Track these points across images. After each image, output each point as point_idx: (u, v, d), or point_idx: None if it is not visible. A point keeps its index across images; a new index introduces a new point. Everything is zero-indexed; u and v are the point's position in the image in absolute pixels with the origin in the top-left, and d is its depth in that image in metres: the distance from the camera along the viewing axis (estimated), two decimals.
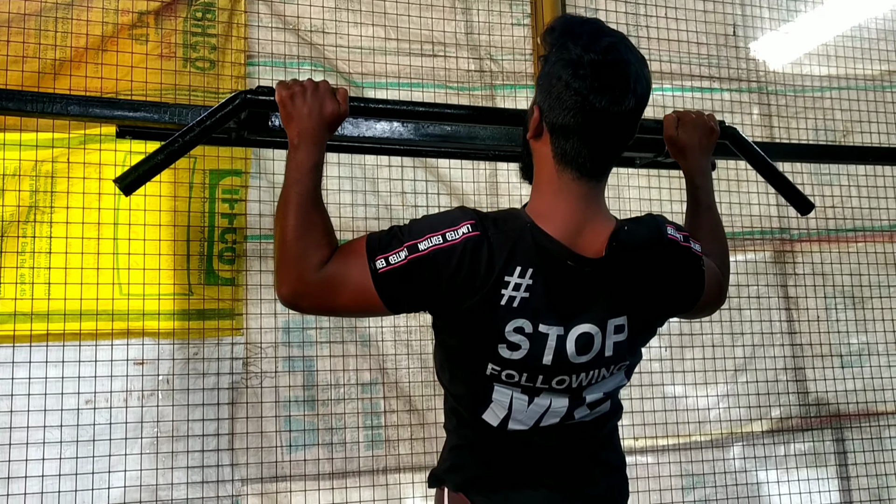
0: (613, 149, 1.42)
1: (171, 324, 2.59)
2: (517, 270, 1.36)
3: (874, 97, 3.53)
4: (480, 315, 1.38)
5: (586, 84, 1.32)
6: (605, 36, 1.36)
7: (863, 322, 3.35)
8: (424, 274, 1.37)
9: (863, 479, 3.25)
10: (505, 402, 1.45)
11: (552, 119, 1.37)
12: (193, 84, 2.69)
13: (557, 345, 1.41)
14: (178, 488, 2.52)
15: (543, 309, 1.38)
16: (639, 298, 1.47)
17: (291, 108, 1.63)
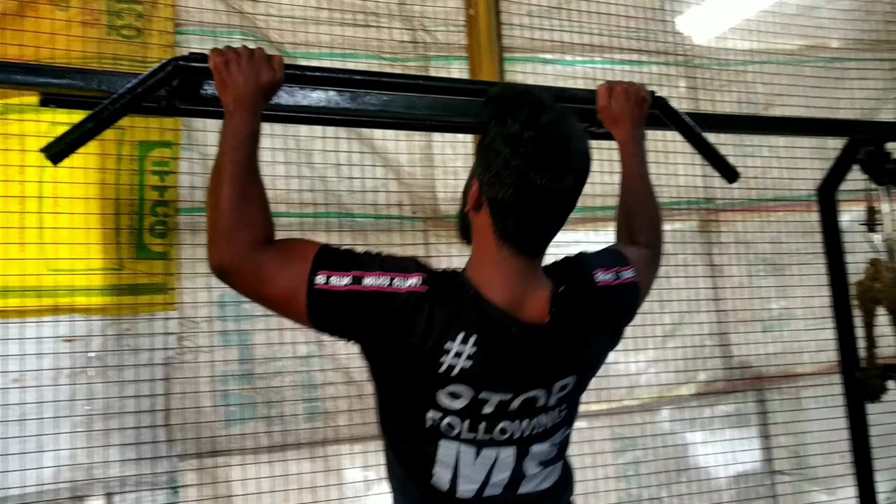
0: (553, 226, 1.42)
1: (102, 299, 2.52)
2: (460, 336, 1.34)
3: (793, 71, 3.65)
4: (414, 373, 1.37)
5: (526, 162, 1.31)
6: (545, 112, 1.35)
7: (782, 288, 3.49)
8: (357, 310, 1.35)
9: (782, 437, 3.41)
10: (451, 459, 1.42)
11: (492, 194, 1.35)
12: (119, 52, 2.61)
13: (499, 405, 1.40)
14: (113, 466, 2.47)
15: (487, 378, 1.37)
16: (584, 352, 1.49)
17: (226, 75, 1.60)
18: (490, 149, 1.35)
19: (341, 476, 2.75)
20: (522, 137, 1.31)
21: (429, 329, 1.33)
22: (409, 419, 1.42)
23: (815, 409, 3.43)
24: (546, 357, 1.42)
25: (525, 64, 3.18)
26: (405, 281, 1.36)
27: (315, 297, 1.36)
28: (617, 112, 1.99)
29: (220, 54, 1.63)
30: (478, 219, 1.41)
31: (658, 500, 3.16)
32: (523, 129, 1.32)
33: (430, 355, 1.33)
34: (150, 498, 2.51)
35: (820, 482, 3.42)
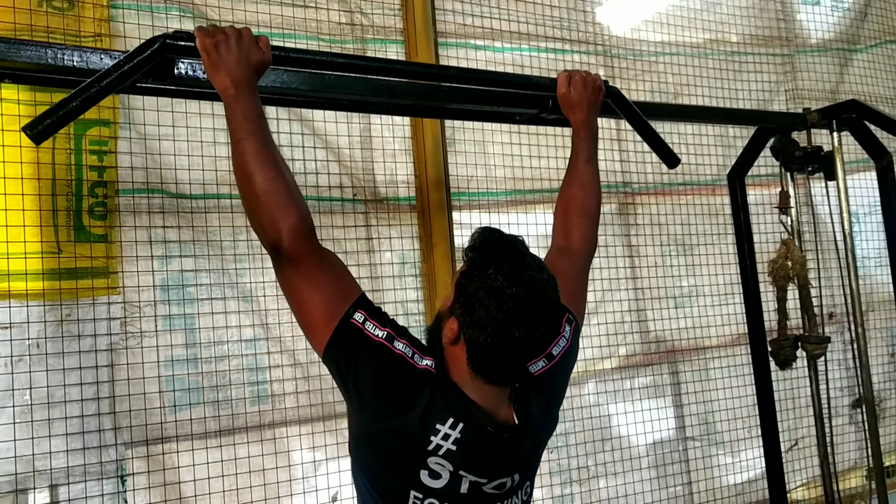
0: (522, 364, 1.55)
1: (40, 284, 2.41)
2: (450, 421, 1.46)
3: (698, 63, 3.89)
4: (403, 444, 1.47)
5: (508, 316, 1.41)
6: (526, 268, 1.45)
7: (692, 267, 3.73)
8: (378, 363, 1.48)
9: (693, 405, 3.65)
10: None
11: (471, 336, 1.45)
12: (52, 25, 2.48)
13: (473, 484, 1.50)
14: (57, 457, 2.38)
15: (466, 463, 1.48)
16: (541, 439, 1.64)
17: (216, 56, 1.59)
18: (474, 296, 1.43)
19: (290, 458, 2.74)
20: (506, 293, 1.41)
21: (429, 408, 1.45)
22: (392, 496, 1.50)
23: (721, 378, 3.70)
24: (514, 452, 1.54)
25: (458, 49, 3.24)
26: (422, 360, 1.50)
27: (346, 329, 1.48)
28: (575, 99, 2.11)
29: (209, 35, 1.61)
30: (453, 349, 1.50)
31: (586, 469, 3.32)
32: (507, 284, 1.41)
33: (422, 431, 1.45)
34: (97, 488, 2.43)
35: (725, 446, 3.69)
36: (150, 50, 1.66)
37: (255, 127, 1.52)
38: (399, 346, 1.50)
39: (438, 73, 2.16)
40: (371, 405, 1.50)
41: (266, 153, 1.52)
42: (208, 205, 2.68)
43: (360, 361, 1.49)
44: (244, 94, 1.56)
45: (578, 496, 3.30)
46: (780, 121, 3.07)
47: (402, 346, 1.51)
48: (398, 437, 1.47)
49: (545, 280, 1.47)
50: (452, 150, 3.15)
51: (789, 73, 4.13)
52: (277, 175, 1.51)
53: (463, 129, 3.20)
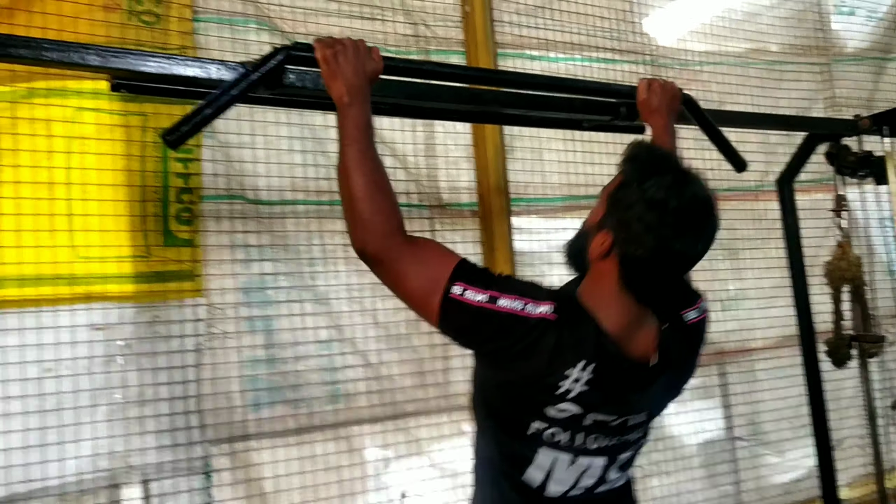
0: (675, 281, 1.56)
1: (131, 286, 2.50)
2: (580, 364, 1.45)
3: (740, 72, 3.98)
4: (531, 391, 1.49)
5: (669, 231, 1.40)
6: (689, 182, 1.45)
7: (737, 270, 3.81)
8: (489, 326, 1.46)
9: (741, 406, 3.73)
10: (547, 464, 1.54)
11: (625, 251, 1.45)
12: (141, 38, 2.58)
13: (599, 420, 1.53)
14: (148, 453, 2.47)
15: (597, 403, 1.50)
16: (676, 385, 1.68)
17: (335, 66, 1.67)
18: (632, 209, 1.42)
19: (362, 456, 2.83)
20: (668, 206, 1.39)
21: (555, 355, 1.44)
22: (513, 425, 1.54)
23: (767, 379, 3.78)
24: (648, 390, 1.57)
25: (515, 60, 3.34)
26: (537, 308, 1.46)
27: (448, 304, 1.47)
28: (655, 105, 2.19)
29: (329, 46, 1.69)
30: (602, 264, 1.50)
31: (640, 468, 3.39)
32: (669, 197, 1.40)
33: (550, 378, 1.45)
34: (185, 483, 2.52)
35: (772, 446, 3.77)
36: (276, 59, 1.75)
37: (360, 135, 1.57)
38: (505, 303, 1.46)
39: (531, 80, 2.25)
40: (492, 364, 1.52)
41: (369, 160, 1.56)
42: (286, 211, 2.77)
43: (471, 330, 1.49)
44: (357, 103, 1.62)
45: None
46: (831, 127, 3.16)
47: (509, 301, 1.46)
48: (525, 386, 1.48)
49: (708, 196, 1.47)
50: (511, 156, 3.24)
51: (827, 81, 4.22)
52: (377, 181, 1.55)
53: (521, 137, 3.29)
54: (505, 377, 1.51)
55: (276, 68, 1.76)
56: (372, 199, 1.54)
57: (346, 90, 1.64)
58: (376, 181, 1.57)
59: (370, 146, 1.62)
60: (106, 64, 1.78)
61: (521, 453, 1.55)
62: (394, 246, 1.54)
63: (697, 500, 3.54)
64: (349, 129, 1.61)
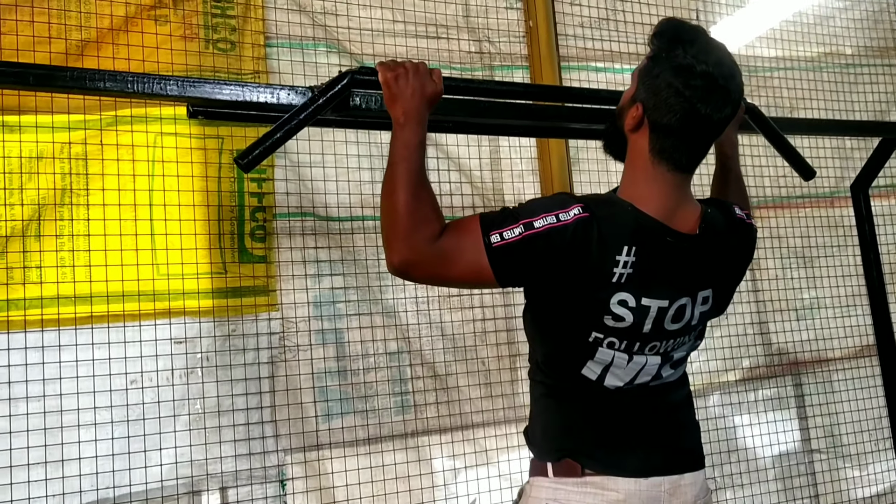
0: (705, 147, 1.60)
1: (209, 302, 2.63)
2: (624, 249, 1.51)
3: (813, 77, 3.91)
4: (591, 290, 1.52)
5: (696, 94, 1.48)
6: (714, 49, 1.51)
7: (813, 279, 3.74)
8: (538, 249, 1.49)
9: (818, 418, 3.65)
10: (606, 360, 1.59)
11: (656, 118, 1.53)
12: (217, 65, 2.72)
13: (657, 315, 1.57)
14: (226, 462, 2.58)
15: (646, 283, 1.54)
16: (721, 271, 1.68)
17: (396, 88, 1.73)
18: (659, 77, 1.51)
19: (431, 465, 2.89)
20: (695, 70, 1.47)
21: (602, 246, 1.49)
22: (574, 335, 1.58)
23: (846, 391, 3.69)
24: (694, 265, 1.60)
25: (580, 72, 3.36)
26: (569, 213, 1.50)
27: (496, 255, 1.50)
28: None
29: (390, 69, 1.75)
30: (635, 138, 1.59)
31: (712, 480, 3.36)
32: (696, 62, 1.47)
33: (604, 269, 1.50)
34: (261, 491, 2.62)
35: (852, 459, 3.67)
36: (341, 84, 1.83)
37: (409, 154, 1.60)
38: (540, 223, 1.50)
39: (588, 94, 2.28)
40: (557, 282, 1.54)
41: (412, 177, 1.58)
42: (354, 226, 2.86)
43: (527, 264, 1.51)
44: (410, 124, 1.67)
45: None
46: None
47: (542, 221, 1.50)
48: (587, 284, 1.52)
49: (732, 61, 1.53)
50: (577, 168, 3.27)
51: None
52: (418, 196, 1.57)
53: (587, 149, 3.31)
54: (567, 292, 1.55)
55: (341, 92, 1.84)
56: (415, 211, 1.56)
57: (403, 112, 1.70)
58: (421, 197, 1.60)
59: (419, 166, 1.65)
60: (184, 93, 1.88)
61: (580, 353, 1.60)
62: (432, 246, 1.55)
63: None
64: (398, 149, 1.66)
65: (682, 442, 1.72)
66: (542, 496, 1.66)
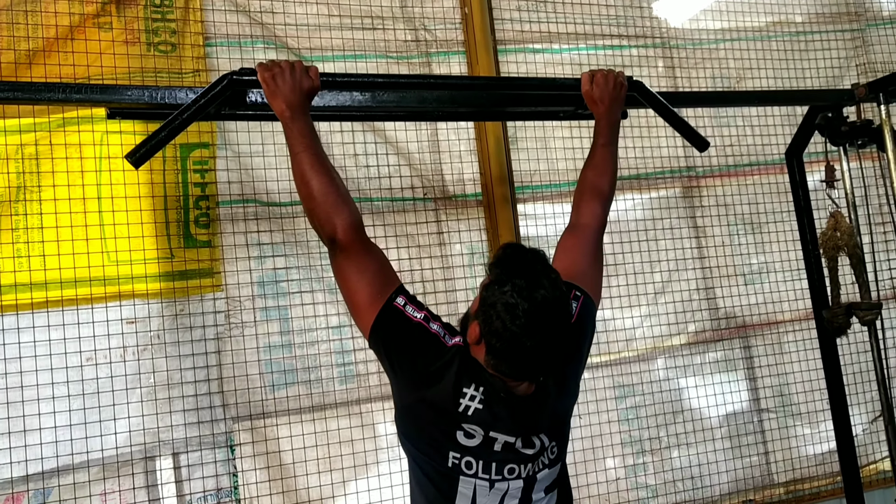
0: (535, 368, 1.73)
1: (158, 285, 2.87)
2: (473, 385, 1.71)
3: (761, 46, 3.98)
4: (439, 410, 1.71)
5: (521, 329, 1.62)
6: (540, 288, 1.64)
7: (761, 244, 3.84)
8: (418, 341, 1.74)
9: (767, 378, 3.76)
10: (469, 492, 1.74)
11: (489, 341, 1.67)
12: (159, 66, 2.94)
13: (505, 444, 1.74)
14: (177, 430, 2.83)
15: (491, 423, 1.72)
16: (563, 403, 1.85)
17: (274, 86, 1.93)
18: (493, 307, 1.64)
19: (375, 430, 3.10)
20: (519, 309, 1.61)
21: (457, 377, 1.71)
22: (434, 459, 1.75)
23: (796, 351, 3.80)
24: (533, 415, 1.76)
25: (517, 55, 3.51)
26: (452, 339, 1.78)
27: (390, 311, 1.76)
28: (597, 95, 2.32)
29: (267, 69, 1.95)
30: (476, 348, 1.73)
31: (657, 440, 3.52)
32: (521, 301, 1.62)
33: (454, 396, 1.70)
34: (211, 455, 2.86)
35: (803, 417, 3.78)
36: (221, 85, 2.03)
37: (309, 142, 1.83)
38: (434, 326, 1.77)
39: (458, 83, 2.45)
40: (410, 378, 1.75)
41: (320, 163, 1.82)
42: (296, 210, 3.06)
43: (403, 338, 1.75)
44: (298, 116, 1.88)
45: (651, 465, 3.50)
46: (828, 98, 3.16)
47: (437, 327, 1.78)
48: (434, 404, 1.71)
49: (556, 297, 1.66)
50: (515, 147, 3.42)
51: (860, 48, 4.15)
52: (331, 181, 1.81)
53: (525, 128, 3.46)
54: (419, 396, 1.73)
55: (224, 91, 2.03)
56: (333, 195, 1.81)
57: (286, 106, 1.90)
58: (333, 179, 1.84)
59: (320, 151, 1.88)
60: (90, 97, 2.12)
61: (446, 486, 1.76)
62: (360, 241, 1.82)
63: (723, 471, 3.61)
64: (298, 139, 1.87)
65: None
66: None
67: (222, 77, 2.04)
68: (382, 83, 2.23)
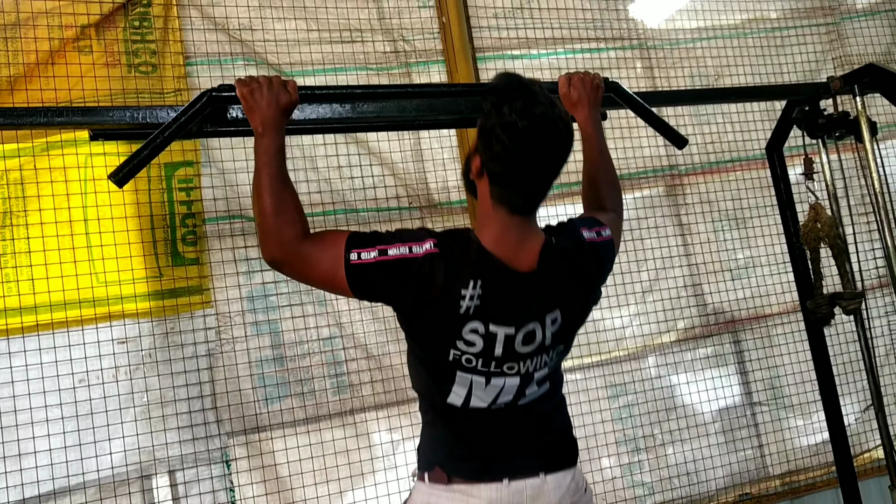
0: (539, 191, 1.74)
1: (147, 304, 2.88)
2: (470, 283, 1.68)
3: (738, 44, 4.03)
4: (441, 318, 1.69)
5: (521, 147, 1.63)
6: (537, 104, 1.65)
7: (746, 239, 3.87)
8: (386, 275, 1.69)
9: (758, 372, 3.79)
10: (465, 385, 1.75)
11: (491, 169, 1.68)
12: (140, 87, 2.96)
13: (506, 341, 1.74)
14: (172, 447, 2.84)
15: (492, 312, 1.71)
16: (568, 296, 1.83)
17: (252, 101, 1.94)
18: (491, 133, 1.65)
19: (370, 440, 3.11)
20: (518, 126, 1.62)
21: (447, 280, 1.67)
22: (435, 355, 1.75)
23: (785, 344, 3.83)
24: (535, 295, 1.76)
25: (496, 61, 3.54)
26: (421, 247, 1.69)
27: (351, 271, 1.71)
28: (575, 98, 2.33)
29: (245, 84, 1.96)
30: (480, 185, 1.75)
31: (652, 437, 3.54)
32: (519, 118, 1.62)
33: (450, 301, 1.67)
34: (207, 472, 2.88)
35: (795, 409, 3.81)
36: (200, 102, 2.05)
37: (270, 160, 1.81)
38: (393, 252, 1.69)
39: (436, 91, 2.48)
40: (405, 306, 1.73)
41: (275, 181, 1.79)
42: None
43: (378, 285, 1.71)
44: (268, 133, 1.88)
45: (647, 462, 3.52)
46: (804, 92, 3.19)
47: (395, 250, 1.69)
48: (436, 313, 1.69)
49: (556, 114, 1.67)
50: None
51: (835, 41, 4.20)
52: (282, 198, 1.78)
53: None
54: (418, 317, 1.72)
55: (203, 109, 2.05)
56: (279, 214, 1.78)
57: (260, 122, 1.91)
58: (283, 198, 1.82)
59: (280, 169, 1.86)
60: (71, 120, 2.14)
61: (443, 380, 1.77)
62: (298, 247, 1.77)
63: (718, 465, 3.63)
64: (259, 156, 1.87)
65: (545, 448, 1.88)
66: (419, 499, 1.86)
67: (202, 94, 2.06)
68: (361, 94, 2.26)
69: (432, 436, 1.88)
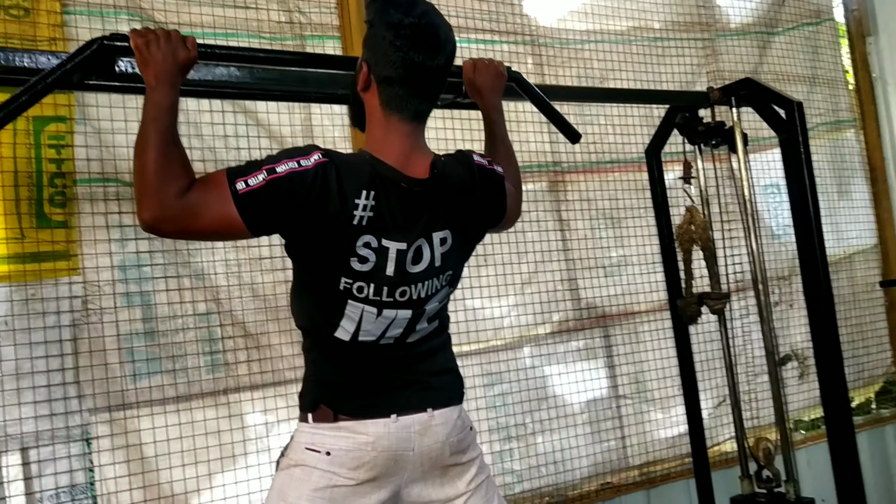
0: (429, 96, 1.79)
1: (6, 267, 2.65)
2: (363, 193, 1.67)
3: (623, 49, 4.17)
4: (335, 232, 1.67)
5: (407, 42, 1.67)
6: (420, 4, 1.72)
7: (620, 238, 4.02)
8: (281, 193, 1.62)
9: (624, 366, 3.95)
10: (356, 317, 1.74)
11: (378, 72, 1.71)
12: (9, 32, 2.72)
13: (398, 258, 1.74)
14: (27, 423, 2.62)
15: (384, 226, 1.71)
16: (457, 214, 1.85)
17: (147, 53, 1.81)
18: (376, 36, 1.70)
19: (244, 420, 3.00)
20: (403, 23, 1.67)
21: (342, 190, 1.65)
22: (325, 284, 1.73)
23: (651, 341, 4.00)
24: (426, 207, 1.77)
25: None
26: (309, 159, 1.66)
27: (243, 201, 1.61)
28: (479, 84, 2.34)
29: (141, 35, 1.84)
30: (368, 97, 1.76)
31: (524, 426, 3.61)
32: (404, 16, 1.67)
33: (345, 212, 1.65)
34: (65, 450, 2.68)
35: (656, 403, 3.99)
36: (90, 50, 1.90)
37: (160, 114, 1.67)
38: (282, 168, 1.62)
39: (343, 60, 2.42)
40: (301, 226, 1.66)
41: (161, 136, 1.65)
42: None
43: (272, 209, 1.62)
44: (161, 87, 1.74)
45: (517, 451, 3.59)
46: (687, 99, 3.36)
47: (284, 166, 1.63)
48: (330, 227, 1.65)
49: (439, 17, 1.76)
50: None
51: (710, 56, 4.43)
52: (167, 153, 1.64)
53: None
54: (312, 235, 1.67)
55: (93, 57, 1.90)
56: (163, 168, 1.62)
57: (154, 76, 1.78)
58: (170, 154, 1.65)
59: (169, 126, 1.70)
60: None
61: (332, 310, 1.75)
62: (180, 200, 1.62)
63: (584, 455, 3.75)
64: (149, 110, 1.72)
65: (432, 384, 1.89)
66: (303, 440, 1.82)
67: (91, 41, 1.90)
68: (264, 58, 2.16)
69: (316, 374, 1.85)
